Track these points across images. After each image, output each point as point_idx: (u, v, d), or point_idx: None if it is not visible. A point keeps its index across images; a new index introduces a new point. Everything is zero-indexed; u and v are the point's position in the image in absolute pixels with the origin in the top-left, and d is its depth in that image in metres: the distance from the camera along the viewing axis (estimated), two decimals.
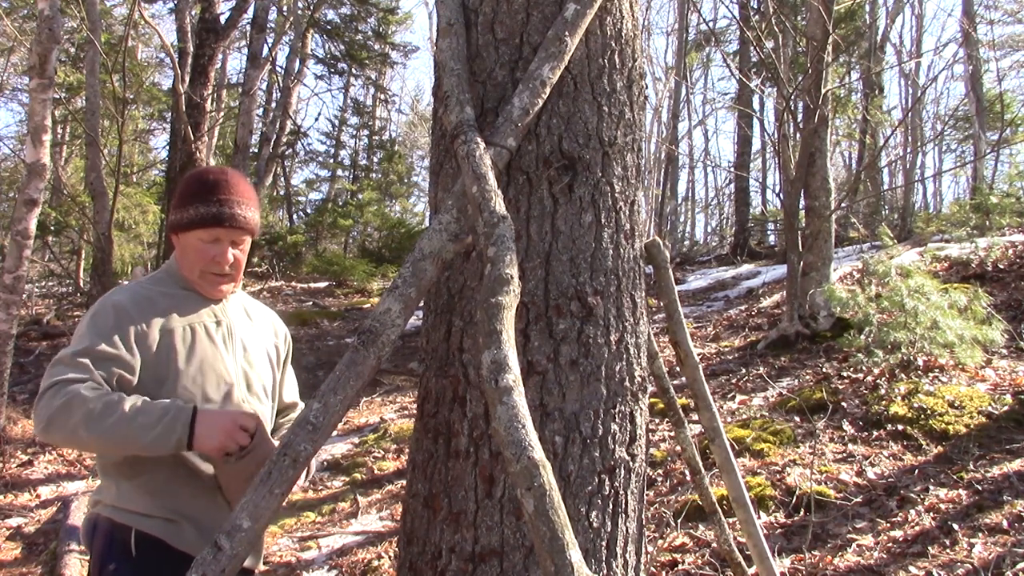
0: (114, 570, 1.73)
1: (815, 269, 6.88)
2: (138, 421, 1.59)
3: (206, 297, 1.89)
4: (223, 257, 1.83)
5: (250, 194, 1.89)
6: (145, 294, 1.84)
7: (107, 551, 1.75)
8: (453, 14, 1.87)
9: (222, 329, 1.89)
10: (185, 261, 1.86)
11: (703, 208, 28.64)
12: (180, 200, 1.86)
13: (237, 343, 1.90)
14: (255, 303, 2.08)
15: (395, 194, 21.86)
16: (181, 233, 1.85)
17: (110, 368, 1.69)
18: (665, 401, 2.20)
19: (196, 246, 1.83)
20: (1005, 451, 3.93)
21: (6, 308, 5.81)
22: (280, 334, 2.07)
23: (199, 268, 1.84)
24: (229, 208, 1.81)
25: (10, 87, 19.18)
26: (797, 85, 7.16)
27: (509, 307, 1.37)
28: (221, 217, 1.80)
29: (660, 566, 3.38)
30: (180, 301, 1.86)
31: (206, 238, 1.82)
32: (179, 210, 1.84)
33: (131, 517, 1.74)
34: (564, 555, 1.08)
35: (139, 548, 1.72)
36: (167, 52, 12.29)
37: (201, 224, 1.81)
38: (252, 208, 1.87)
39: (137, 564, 1.72)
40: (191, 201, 1.82)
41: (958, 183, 23.93)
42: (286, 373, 2.08)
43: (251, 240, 1.92)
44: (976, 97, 14.88)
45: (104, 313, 1.76)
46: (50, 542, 4.68)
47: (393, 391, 8.34)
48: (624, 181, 1.88)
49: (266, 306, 2.12)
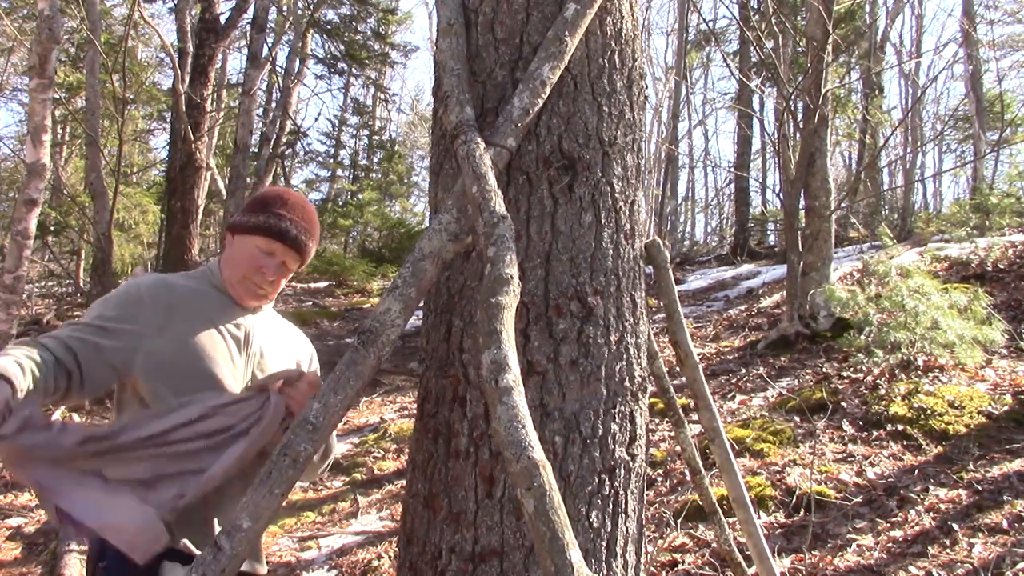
0: (105, 567, 1.75)
1: (815, 269, 6.88)
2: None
3: (235, 302, 1.91)
4: (269, 271, 1.87)
5: (316, 230, 1.96)
6: (169, 282, 1.89)
7: (100, 547, 1.77)
8: (453, 14, 1.87)
9: (239, 333, 1.89)
10: (231, 262, 1.89)
11: (703, 208, 28.66)
12: (254, 204, 1.92)
13: (253, 349, 1.90)
14: (285, 324, 2.10)
15: (395, 194, 21.87)
16: (240, 235, 1.89)
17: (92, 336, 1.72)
18: (665, 401, 2.20)
19: (250, 251, 1.87)
20: (1005, 451, 3.93)
21: (6, 308, 5.81)
22: (306, 354, 2.08)
23: (242, 272, 1.87)
24: (296, 230, 1.88)
25: (10, 87, 19.20)
26: (797, 85, 7.16)
27: (509, 307, 1.37)
28: (287, 234, 1.86)
29: (660, 566, 3.38)
30: (204, 297, 1.88)
31: (264, 247, 1.86)
32: (249, 213, 1.89)
33: None
34: (564, 555, 1.08)
35: None
36: (167, 52, 12.30)
37: (266, 233, 1.86)
38: (313, 240, 1.94)
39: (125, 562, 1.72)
40: (265, 209, 1.89)
41: (958, 183, 23.95)
42: None
43: (298, 270, 1.98)
44: (976, 97, 14.89)
45: (118, 292, 1.85)
46: (50, 542, 4.68)
47: (393, 391, 8.34)
48: (624, 181, 1.88)
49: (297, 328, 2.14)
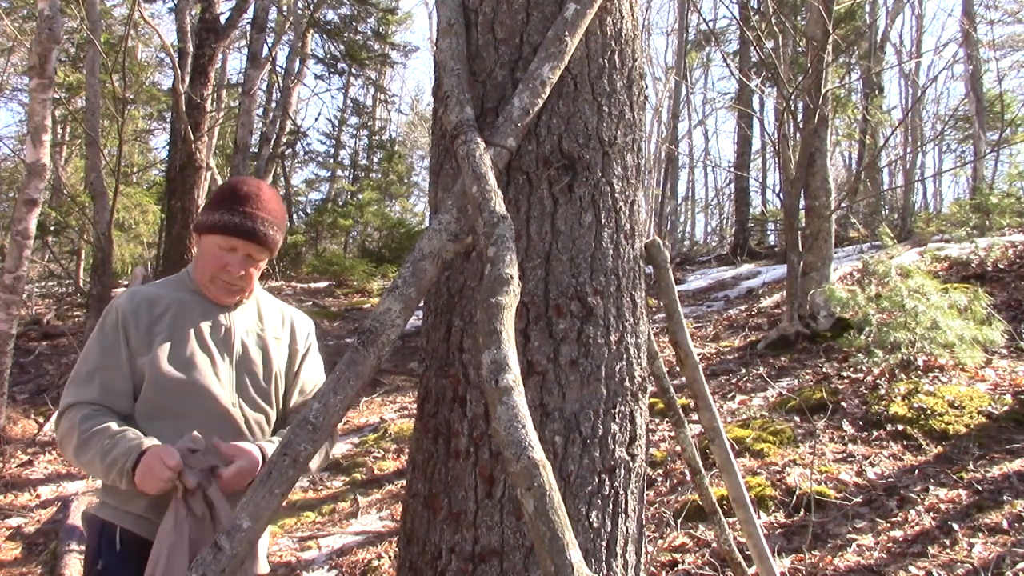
0: (102, 568, 1.79)
1: (815, 269, 6.88)
2: (99, 464, 1.72)
3: (213, 302, 1.91)
4: (235, 267, 1.86)
5: (278, 213, 1.93)
6: (149, 296, 1.90)
7: (96, 548, 1.81)
8: (453, 14, 1.87)
9: (219, 334, 1.90)
10: (199, 263, 1.91)
11: (703, 208, 28.66)
12: (211, 203, 1.91)
13: (236, 348, 1.91)
14: (275, 303, 2.08)
15: (395, 194, 21.87)
16: (203, 235, 1.89)
17: (114, 378, 1.81)
18: (665, 401, 2.20)
19: (212, 251, 1.87)
20: (1005, 451, 3.93)
21: (6, 308, 5.81)
22: (300, 334, 2.06)
23: (210, 272, 1.88)
24: (252, 222, 1.85)
25: (10, 87, 19.19)
26: (797, 85, 7.16)
27: (509, 307, 1.37)
28: (242, 228, 1.85)
29: (660, 566, 3.38)
30: (183, 304, 1.90)
31: (224, 245, 1.86)
32: (207, 212, 1.89)
33: (116, 514, 1.81)
34: (564, 555, 1.07)
35: (124, 544, 1.77)
36: (167, 52, 12.29)
37: (222, 231, 1.85)
38: (276, 227, 1.91)
39: (122, 560, 1.77)
40: (219, 206, 1.87)
41: (958, 183, 23.93)
42: (301, 373, 2.04)
43: (269, 257, 1.96)
44: (976, 97, 14.88)
45: (108, 323, 1.86)
46: (50, 542, 4.68)
47: (393, 391, 8.34)
48: (624, 181, 1.88)
49: (288, 305, 2.12)
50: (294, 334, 2.05)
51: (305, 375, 2.05)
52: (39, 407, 7.76)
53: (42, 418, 7.34)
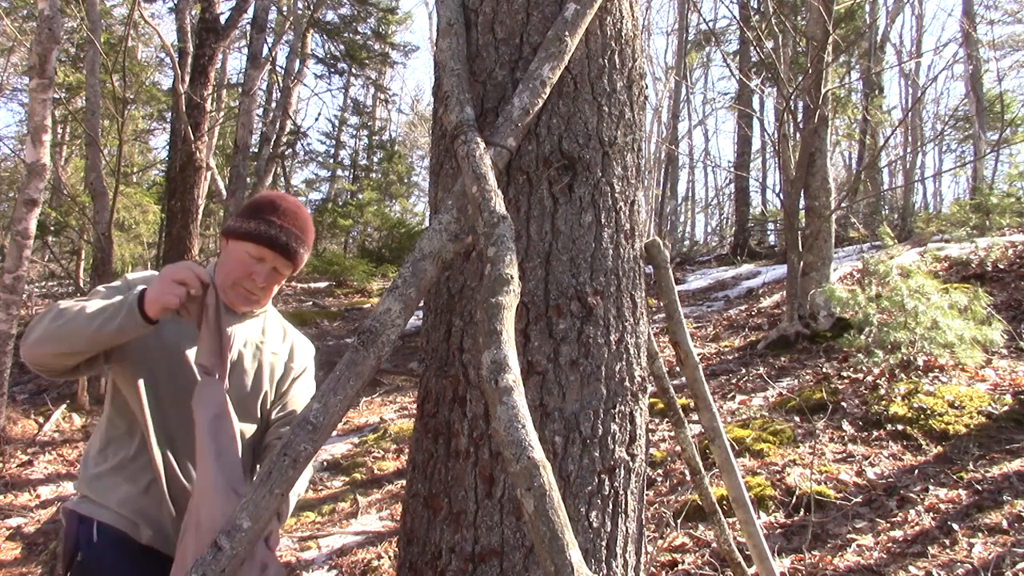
0: (81, 559, 1.79)
1: (815, 269, 6.88)
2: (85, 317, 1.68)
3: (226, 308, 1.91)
4: (259, 277, 1.87)
5: (310, 236, 1.96)
6: None
7: (75, 541, 1.82)
8: (453, 14, 1.87)
9: None
10: (223, 267, 1.90)
11: (703, 208, 28.66)
12: (247, 210, 1.92)
13: (232, 357, 1.90)
14: (281, 323, 2.09)
15: (395, 194, 21.86)
16: (233, 240, 1.90)
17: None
18: (665, 401, 2.20)
19: (241, 257, 1.87)
20: (1005, 451, 3.93)
21: (6, 308, 5.80)
22: (299, 356, 2.07)
23: (234, 278, 1.88)
24: (286, 237, 1.87)
25: (10, 87, 19.20)
26: (797, 85, 7.16)
27: (509, 307, 1.37)
28: (276, 241, 1.86)
29: (660, 566, 3.38)
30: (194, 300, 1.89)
31: (254, 254, 1.87)
32: (242, 219, 1.90)
33: (94, 509, 1.82)
34: (564, 555, 1.08)
35: (101, 537, 1.78)
36: (167, 52, 12.29)
37: (256, 239, 1.86)
38: (305, 247, 1.94)
39: (100, 552, 1.78)
40: (256, 215, 1.89)
41: (958, 183, 23.96)
42: (290, 391, 2.04)
43: (290, 275, 1.98)
44: (976, 97, 14.89)
45: (114, 285, 1.89)
46: (50, 542, 4.68)
47: (393, 391, 8.34)
48: (624, 181, 1.88)
49: (296, 330, 2.13)
50: (292, 353, 2.06)
51: (293, 394, 2.04)
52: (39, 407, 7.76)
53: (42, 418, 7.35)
